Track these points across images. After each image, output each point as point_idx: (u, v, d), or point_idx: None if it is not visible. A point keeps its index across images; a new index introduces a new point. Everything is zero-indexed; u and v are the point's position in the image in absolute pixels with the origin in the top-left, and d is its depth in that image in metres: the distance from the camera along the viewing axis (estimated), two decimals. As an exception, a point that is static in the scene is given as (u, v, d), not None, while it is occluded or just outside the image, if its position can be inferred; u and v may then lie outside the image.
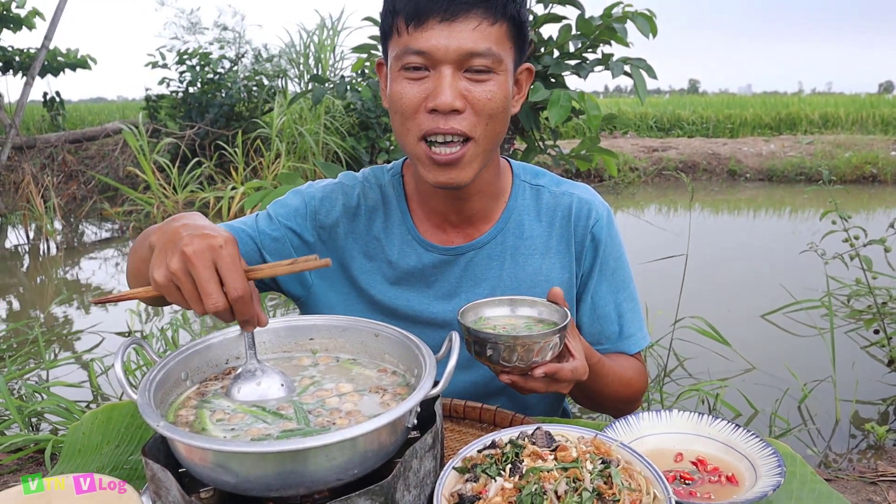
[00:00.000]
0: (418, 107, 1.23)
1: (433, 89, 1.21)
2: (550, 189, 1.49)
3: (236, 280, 0.93)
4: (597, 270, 1.49)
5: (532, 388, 1.18)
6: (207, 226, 1.01)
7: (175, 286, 0.95)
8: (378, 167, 1.56)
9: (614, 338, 1.51)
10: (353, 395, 1.03)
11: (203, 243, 0.93)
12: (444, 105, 1.20)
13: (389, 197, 1.49)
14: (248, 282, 0.96)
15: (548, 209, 1.48)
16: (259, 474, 0.85)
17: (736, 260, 7.00)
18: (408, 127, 1.26)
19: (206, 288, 0.93)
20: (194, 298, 0.94)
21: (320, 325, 1.19)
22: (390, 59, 1.27)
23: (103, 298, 1.01)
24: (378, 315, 1.48)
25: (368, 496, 0.86)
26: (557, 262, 1.47)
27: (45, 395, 3.22)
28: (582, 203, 1.47)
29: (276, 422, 0.96)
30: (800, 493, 1.14)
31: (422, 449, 0.94)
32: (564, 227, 1.47)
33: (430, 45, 1.19)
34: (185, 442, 0.84)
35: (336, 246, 1.49)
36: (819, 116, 17.24)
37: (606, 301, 1.50)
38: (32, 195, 7.87)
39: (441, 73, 1.20)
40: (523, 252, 1.46)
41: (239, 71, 10.91)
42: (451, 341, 1.02)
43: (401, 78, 1.24)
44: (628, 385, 1.46)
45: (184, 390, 1.07)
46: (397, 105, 1.26)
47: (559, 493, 0.90)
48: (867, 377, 3.84)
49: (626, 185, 12.26)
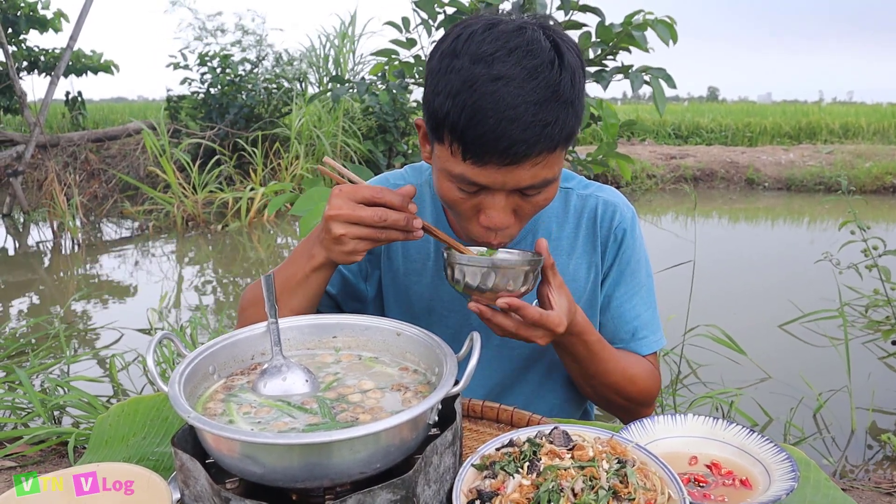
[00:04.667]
0: (469, 213, 1.24)
1: (486, 209, 1.20)
2: (578, 192, 1.53)
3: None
4: (616, 269, 1.52)
5: (500, 324, 1.21)
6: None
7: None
8: (418, 165, 1.59)
9: (627, 338, 1.53)
10: (376, 392, 1.06)
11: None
12: (496, 227, 1.22)
13: (424, 195, 1.53)
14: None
15: (575, 211, 1.51)
16: (285, 466, 0.88)
17: (752, 269, 6.96)
18: (459, 221, 1.29)
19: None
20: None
21: (343, 323, 1.22)
22: (437, 151, 1.23)
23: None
24: (413, 310, 1.53)
25: (390, 489, 0.88)
26: (583, 261, 1.50)
27: (66, 389, 3.28)
28: (607, 205, 1.51)
29: (301, 416, 0.99)
30: (813, 499, 1.16)
31: (442, 445, 0.97)
32: (590, 227, 1.51)
33: (489, 181, 1.15)
34: (214, 433, 0.87)
35: (387, 252, 1.54)
36: (839, 126, 17.08)
37: (622, 301, 1.52)
38: (56, 193, 7.98)
39: (496, 198, 1.19)
40: (551, 252, 1.48)
41: (259, 73, 11.01)
42: (472, 341, 1.04)
43: (452, 186, 1.21)
44: (632, 381, 1.47)
45: (211, 384, 1.10)
46: (448, 204, 1.26)
47: (576, 490, 0.93)
48: (884, 388, 3.82)
49: (643, 192, 12.24)
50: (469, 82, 1.09)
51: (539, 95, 1.09)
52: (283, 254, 7.94)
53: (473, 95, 1.09)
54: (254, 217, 8.86)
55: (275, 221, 9.08)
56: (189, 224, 8.78)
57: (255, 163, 9.70)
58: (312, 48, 11.35)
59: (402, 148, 9.35)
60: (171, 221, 8.76)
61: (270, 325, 1.14)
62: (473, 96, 1.09)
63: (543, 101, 1.09)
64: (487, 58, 1.10)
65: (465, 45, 1.12)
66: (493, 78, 1.08)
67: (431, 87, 1.16)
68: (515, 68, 1.09)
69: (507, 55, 1.09)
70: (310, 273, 1.29)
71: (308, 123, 9.88)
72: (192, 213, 8.80)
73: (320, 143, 9.76)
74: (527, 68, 1.09)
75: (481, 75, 1.09)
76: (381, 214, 1.17)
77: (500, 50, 1.10)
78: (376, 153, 9.37)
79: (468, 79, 1.10)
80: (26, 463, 2.74)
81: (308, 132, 9.89)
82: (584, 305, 1.50)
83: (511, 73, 1.09)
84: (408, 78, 3.61)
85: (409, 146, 9.47)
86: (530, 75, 1.09)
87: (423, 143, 1.33)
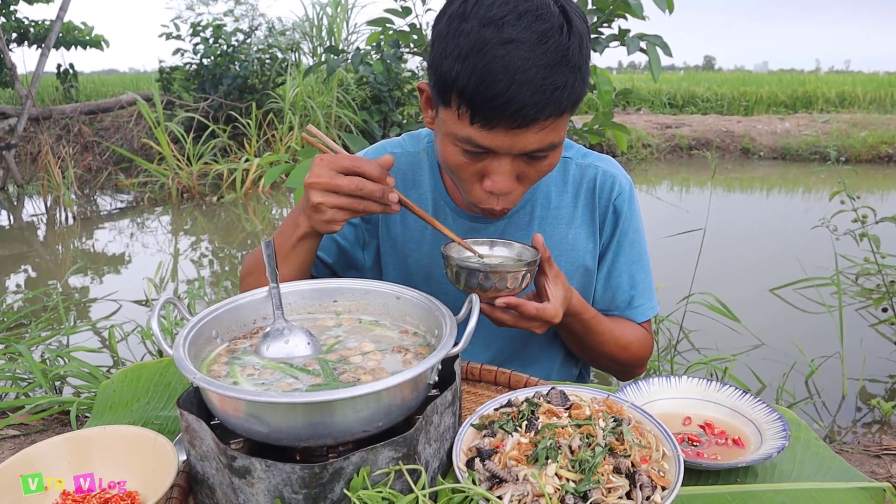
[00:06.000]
0: (472, 178, 1.25)
1: (490, 173, 1.21)
2: (577, 161, 1.54)
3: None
4: (615, 241, 1.54)
5: (498, 319, 1.26)
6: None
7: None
8: (416, 133, 1.60)
9: (623, 306, 1.57)
10: (377, 354, 1.08)
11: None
12: (501, 193, 1.23)
13: (422, 164, 1.54)
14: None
15: (574, 180, 1.53)
16: (290, 424, 0.90)
17: (747, 238, 7.00)
18: (462, 187, 1.29)
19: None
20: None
21: (344, 287, 1.23)
22: (442, 115, 1.22)
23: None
24: (413, 278, 1.55)
25: (392, 447, 0.91)
26: (582, 231, 1.53)
27: (67, 359, 3.30)
28: (606, 175, 1.52)
29: (303, 377, 1.01)
30: (803, 457, 1.19)
31: (442, 405, 0.99)
32: (589, 197, 1.52)
33: (495, 144, 1.16)
34: (220, 392, 0.89)
35: (384, 221, 1.55)
36: (836, 95, 17.04)
37: (621, 271, 1.56)
38: (51, 165, 7.93)
39: (501, 162, 1.20)
40: (550, 221, 1.51)
41: (252, 44, 10.90)
42: (472, 303, 1.06)
43: (456, 150, 1.21)
44: (625, 348, 1.52)
45: (214, 348, 1.12)
46: (451, 169, 1.26)
47: (573, 447, 0.95)
48: (875, 354, 3.87)
49: (638, 162, 12.23)
50: (479, 45, 1.09)
51: (549, 59, 1.10)
52: (278, 224, 7.93)
53: (484, 58, 1.09)
54: (249, 188, 8.84)
55: (270, 193, 9.06)
56: (184, 196, 8.76)
57: (249, 134, 9.64)
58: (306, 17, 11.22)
59: (396, 118, 9.30)
60: (165, 193, 8.73)
61: (272, 289, 1.16)
62: (484, 59, 1.09)
63: (553, 64, 1.10)
64: (497, 21, 1.10)
65: (474, 8, 1.12)
66: (504, 41, 1.09)
67: (440, 51, 1.16)
68: (525, 32, 1.09)
69: (517, 19, 1.10)
70: (296, 242, 1.30)
71: (302, 94, 9.81)
72: (186, 185, 8.77)
73: (314, 114, 9.70)
74: (537, 32, 1.10)
75: (491, 38, 1.09)
76: (358, 184, 1.17)
77: (509, 14, 1.10)
78: (371, 123, 9.33)
79: (478, 42, 1.10)
80: (29, 432, 2.77)
81: (302, 103, 9.83)
82: (581, 274, 1.53)
83: (521, 36, 1.09)
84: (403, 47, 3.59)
85: (404, 116, 9.42)
86: (540, 39, 1.09)
87: (426, 109, 1.33)
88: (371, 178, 1.18)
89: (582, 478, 0.91)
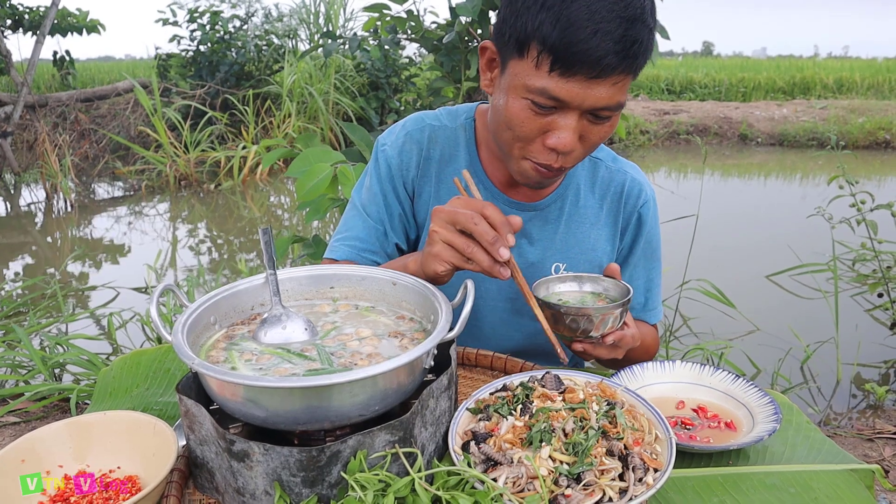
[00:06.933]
0: (535, 136, 1.26)
1: (555, 129, 1.22)
2: (607, 164, 1.57)
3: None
4: (639, 248, 1.59)
5: (598, 355, 1.32)
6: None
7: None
8: (454, 109, 1.60)
9: (639, 308, 1.63)
10: (373, 339, 1.09)
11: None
12: (564, 150, 1.24)
13: (459, 140, 1.54)
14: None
15: (602, 183, 1.56)
16: (287, 409, 0.92)
17: (744, 224, 7.02)
18: (518, 145, 1.29)
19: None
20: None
21: (340, 274, 1.25)
22: (514, 69, 1.23)
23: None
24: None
25: (389, 430, 0.92)
26: (604, 233, 1.56)
27: (66, 347, 3.31)
28: (634, 183, 1.57)
29: (301, 362, 1.02)
30: (794, 440, 1.21)
31: (438, 389, 1.01)
32: (615, 202, 1.56)
33: (570, 95, 1.17)
34: (218, 377, 0.90)
35: (419, 196, 1.56)
36: (834, 81, 17.02)
37: (640, 275, 1.62)
38: (48, 153, 7.91)
39: (567, 118, 1.21)
40: (576, 220, 1.54)
41: (249, 30, 10.86)
42: (467, 289, 1.07)
43: (524, 105, 1.22)
44: (646, 351, 1.59)
45: (213, 334, 1.13)
46: (513, 125, 1.26)
47: (567, 430, 0.97)
48: (870, 339, 3.90)
49: (636, 148, 12.22)
50: None
51: (630, 13, 1.13)
52: (277, 212, 7.94)
53: (570, 7, 1.12)
54: (247, 176, 8.83)
55: (268, 180, 9.05)
56: (182, 184, 8.74)
57: (246, 121, 9.62)
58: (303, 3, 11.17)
59: (394, 105, 9.28)
60: (163, 181, 8.72)
61: (269, 276, 1.17)
62: (569, 8, 1.12)
63: (633, 19, 1.13)
64: None
65: None
66: None
67: (520, 2, 1.18)
68: None
69: None
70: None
71: (300, 81, 9.78)
72: (184, 173, 8.75)
73: (312, 101, 9.68)
74: None
75: None
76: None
77: None
78: (368, 110, 9.31)
79: None
80: (30, 419, 2.79)
81: (300, 90, 9.80)
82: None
83: None
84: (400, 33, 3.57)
85: (402, 103, 9.40)
86: None
87: (486, 70, 1.34)
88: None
89: (575, 460, 0.92)
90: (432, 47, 3.71)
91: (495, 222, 1.15)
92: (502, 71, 1.27)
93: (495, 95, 1.31)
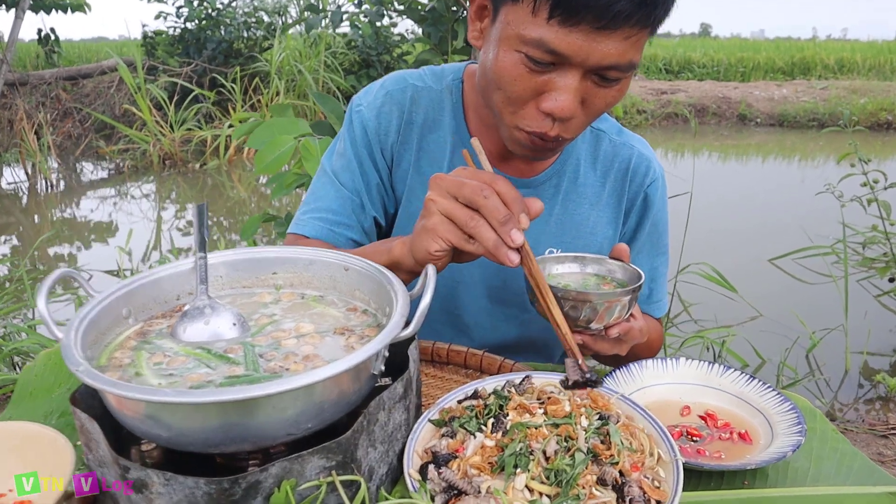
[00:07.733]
0: (528, 98, 1.05)
1: (552, 90, 1.02)
2: (611, 137, 1.37)
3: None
4: (644, 232, 1.40)
5: (598, 350, 1.11)
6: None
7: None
8: (439, 69, 1.38)
9: (643, 299, 1.43)
10: (314, 337, 0.90)
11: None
12: (561, 115, 1.03)
13: (444, 104, 1.33)
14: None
15: (605, 158, 1.36)
16: (195, 428, 0.73)
17: (744, 206, 6.85)
18: (510, 109, 1.08)
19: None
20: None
21: (284, 257, 1.05)
22: (506, 17, 1.03)
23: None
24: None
25: (323, 454, 0.73)
26: (605, 214, 1.37)
27: (27, 334, 3.13)
28: (641, 159, 1.36)
29: (220, 366, 0.83)
30: (820, 453, 1.02)
31: (390, 399, 0.81)
32: (620, 180, 1.36)
33: (571, 49, 0.97)
34: (106, 389, 0.71)
35: (398, 165, 1.36)
36: (834, 62, 16.83)
37: (644, 262, 1.42)
38: (25, 131, 7.67)
39: (567, 77, 1.01)
40: (574, 199, 1.35)
41: (238, 7, 10.60)
42: (427, 277, 0.88)
43: (516, 59, 1.02)
44: (649, 346, 1.38)
45: (124, 329, 0.94)
46: (503, 83, 1.05)
47: (548, 453, 0.77)
48: (879, 326, 3.72)
49: (633, 128, 11.98)
50: None
51: None
52: (264, 191, 7.72)
53: None
54: (234, 155, 8.61)
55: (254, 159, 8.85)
56: (166, 163, 8.52)
57: (234, 99, 9.38)
58: (292, -21, 10.90)
59: (385, 83, 9.07)
60: (147, 161, 8.50)
61: (198, 259, 0.98)
62: None
63: None
64: None
65: None
66: None
67: None
68: None
69: None
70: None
71: (289, 58, 9.54)
72: (169, 152, 8.53)
73: (302, 79, 9.44)
74: None
75: None
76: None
77: None
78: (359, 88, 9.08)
79: None
80: (-19, 411, 2.61)
81: (289, 67, 9.56)
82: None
83: None
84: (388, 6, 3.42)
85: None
86: None
87: (475, 19, 1.13)
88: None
89: (558, 492, 0.74)
90: (419, 17, 3.55)
91: (508, 198, 0.94)
92: (493, 19, 1.06)
93: (484, 49, 1.11)
